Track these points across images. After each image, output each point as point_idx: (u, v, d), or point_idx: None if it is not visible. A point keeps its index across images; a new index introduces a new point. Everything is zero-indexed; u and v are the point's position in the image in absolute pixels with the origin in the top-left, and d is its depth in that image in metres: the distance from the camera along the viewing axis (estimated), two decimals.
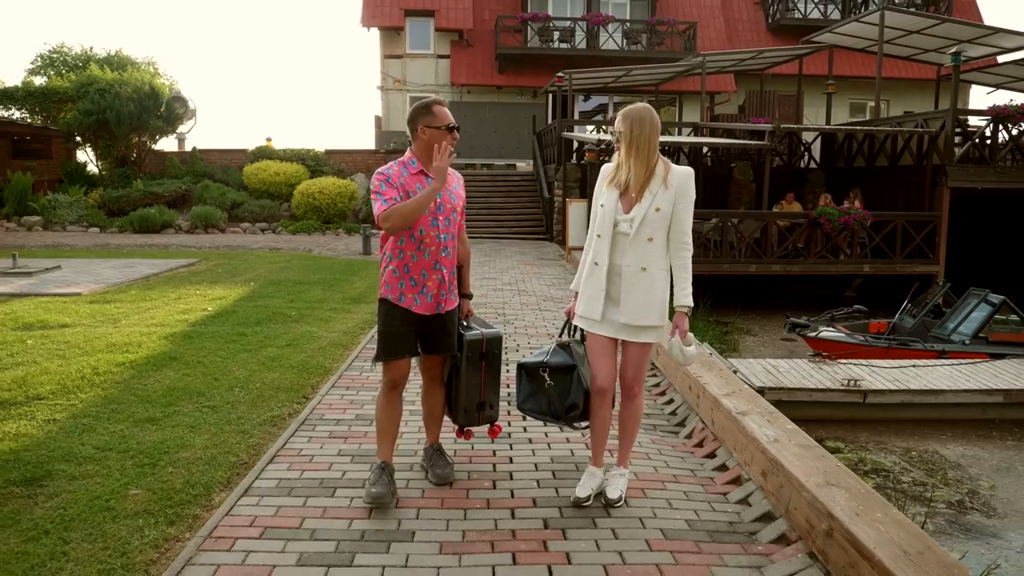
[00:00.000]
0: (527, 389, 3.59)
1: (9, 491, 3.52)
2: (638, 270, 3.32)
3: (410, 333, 3.46)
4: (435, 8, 23.76)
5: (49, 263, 11.59)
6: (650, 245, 3.32)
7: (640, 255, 3.31)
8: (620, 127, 3.34)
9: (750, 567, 3.03)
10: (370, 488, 3.40)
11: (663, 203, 3.29)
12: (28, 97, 21.58)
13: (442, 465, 3.72)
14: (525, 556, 3.02)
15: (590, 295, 3.41)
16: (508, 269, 12.28)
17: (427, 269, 3.43)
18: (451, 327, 3.58)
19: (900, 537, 2.70)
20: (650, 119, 3.31)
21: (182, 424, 4.49)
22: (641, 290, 3.32)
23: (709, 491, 3.78)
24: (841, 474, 3.29)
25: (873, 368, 8.80)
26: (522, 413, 3.63)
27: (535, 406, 3.57)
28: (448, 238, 3.49)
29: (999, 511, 6.19)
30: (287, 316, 7.90)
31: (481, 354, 3.64)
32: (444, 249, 3.47)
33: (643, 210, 3.29)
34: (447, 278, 3.50)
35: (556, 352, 3.57)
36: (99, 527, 3.19)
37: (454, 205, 3.53)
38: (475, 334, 3.64)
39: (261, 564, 2.91)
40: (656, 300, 3.34)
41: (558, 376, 3.49)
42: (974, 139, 14.74)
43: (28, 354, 5.98)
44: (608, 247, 3.34)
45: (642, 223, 3.29)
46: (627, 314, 3.33)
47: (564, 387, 3.48)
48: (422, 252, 3.42)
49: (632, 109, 3.35)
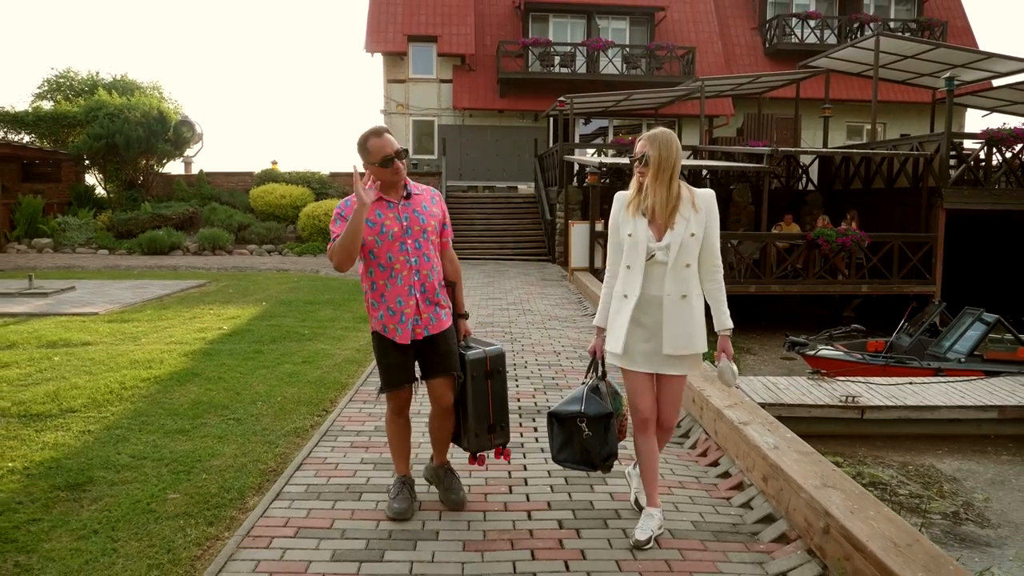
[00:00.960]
0: (560, 439, 3.44)
1: (56, 495, 3.74)
2: (678, 298, 3.23)
3: (407, 361, 3.46)
4: (438, 34, 24.22)
5: (63, 284, 11.85)
6: (688, 271, 3.24)
7: (680, 283, 3.24)
8: (648, 151, 3.23)
9: (753, 563, 3.24)
10: (392, 503, 3.53)
11: (696, 227, 3.23)
12: (38, 122, 21.93)
13: (456, 489, 3.68)
14: (543, 553, 3.24)
15: (622, 330, 3.29)
16: (512, 290, 12.53)
17: (402, 296, 3.37)
18: (446, 347, 3.49)
19: (891, 531, 2.93)
20: (676, 144, 3.26)
21: (210, 435, 4.71)
22: (684, 319, 3.24)
23: (713, 496, 4.00)
24: (837, 477, 3.52)
25: (870, 385, 9.02)
26: (557, 463, 3.48)
27: (570, 456, 3.42)
28: (421, 261, 3.40)
29: (993, 522, 6.39)
30: (301, 334, 8.14)
31: (486, 373, 3.56)
32: (416, 273, 3.38)
33: (679, 236, 3.21)
34: (422, 303, 3.40)
35: (590, 400, 3.39)
36: (144, 527, 3.42)
37: (423, 226, 3.41)
38: (477, 353, 3.56)
39: (298, 560, 3.14)
40: (698, 327, 3.27)
41: (596, 425, 3.34)
42: (969, 162, 15.04)
43: (56, 370, 6.22)
44: (641, 278, 3.24)
45: (680, 250, 3.21)
46: (671, 344, 3.24)
47: (601, 436, 3.35)
48: (394, 279, 3.37)
49: (658, 133, 3.27)
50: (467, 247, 18.70)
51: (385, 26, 24.29)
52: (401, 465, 3.65)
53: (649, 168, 3.23)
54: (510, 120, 24.83)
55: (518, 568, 3.11)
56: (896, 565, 2.65)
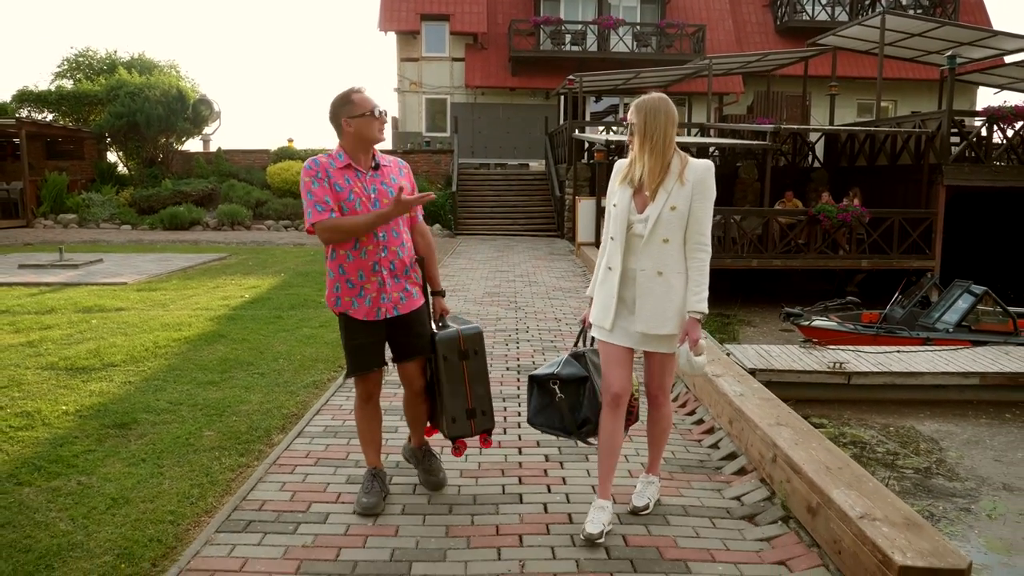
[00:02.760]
0: (538, 402, 3.34)
1: (106, 432, 4.28)
2: (654, 274, 3.04)
3: (376, 344, 3.27)
4: (450, 12, 24.52)
5: (92, 257, 12.43)
6: (666, 247, 3.03)
7: (656, 258, 3.04)
8: (633, 119, 3.05)
9: (713, 490, 3.72)
10: (361, 498, 3.35)
11: (679, 201, 3.01)
12: (61, 100, 22.53)
13: (435, 470, 3.56)
14: (529, 479, 3.74)
15: (603, 303, 3.17)
16: (520, 263, 12.99)
17: (364, 270, 3.16)
18: (418, 328, 3.32)
19: (826, 458, 3.39)
20: (665, 110, 3.02)
21: (238, 386, 5.24)
22: (657, 296, 3.05)
23: (686, 439, 4.48)
24: (791, 418, 3.98)
25: (859, 353, 9.45)
26: (533, 427, 3.40)
27: (546, 420, 3.32)
28: (389, 236, 3.18)
29: (962, 476, 6.83)
30: (317, 302, 8.65)
31: (460, 353, 3.36)
32: (384, 249, 3.17)
33: (657, 209, 3.01)
34: (389, 280, 3.20)
35: (568, 363, 3.32)
36: (184, 457, 3.94)
37: (392, 198, 3.11)
38: (450, 332, 3.37)
39: (318, 482, 3.65)
40: (674, 307, 3.06)
41: (569, 388, 3.25)
42: (970, 139, 15.28)
43: (95, 331, 6.77)
44: (622, 250, 3.08)
45: (656, 223, 3.01)
46: (642, 322, 3.07)
47: (576, 400, 3.25)
48: (358, 251, 3.15)
49: (646, 99, 3.05)
50: (478, 223, 19.16)
51: (398, 5, 24.61)
52: (371, 456, 3.46)
53: (635, 136, 3.06)
54: (522, 98, 25.15)
55: (507, 490, 3.61)
56: (824, 483, 3.11)
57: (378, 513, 3.32)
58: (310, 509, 3.35)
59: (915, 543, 2.60)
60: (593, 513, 3.15)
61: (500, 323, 7.74)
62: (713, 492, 3.70)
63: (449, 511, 3.36)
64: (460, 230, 18.76)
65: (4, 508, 3.31)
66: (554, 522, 3.29)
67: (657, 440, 3.44)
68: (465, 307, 8.61)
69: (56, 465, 3.77)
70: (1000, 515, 6.06)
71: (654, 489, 3.44)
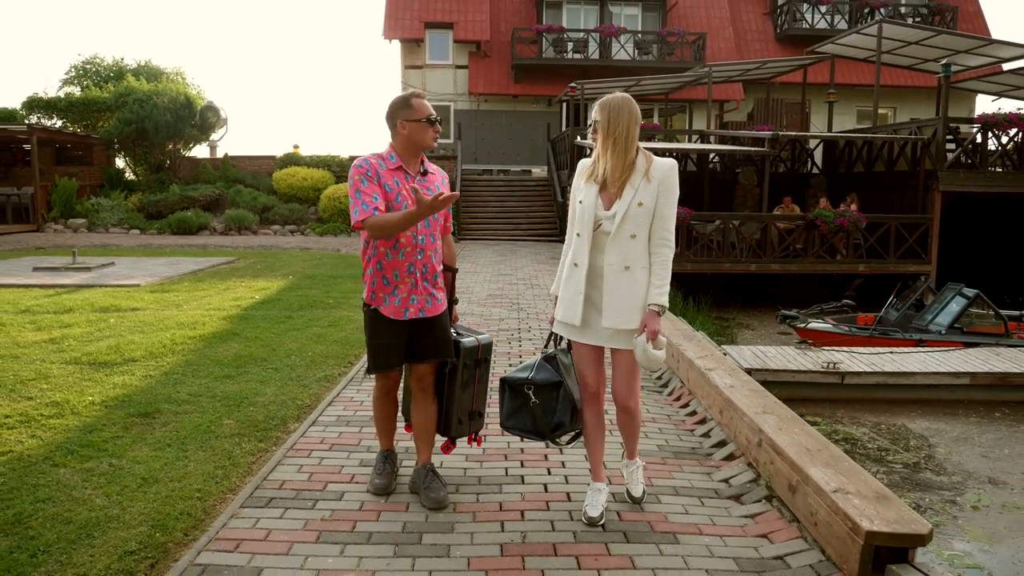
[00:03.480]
0: (510, 405, 3.33)
1: (131, 420, 4.53)
2: (621, 269, 3.11)
3: (400, 343, 3.36)
4: (454, 20, 24.85)
5: (104, 260, 12.70)
6: (632, 242, 3.11)
7: (622, 253, 3.12)
8: (596, 117, 3.13)
9: (703, 474, 3.97)
10: (374, 479, 3.56)
11: (645, 197, 3.09)
12: (70, 107, 22.88)
13: (436, 488, 3.47)
14: (530, 463, 3.99)
15: (570, 299, 3.22)
16: (522, 267, 13.25)
17: (400, 271, 3.29)
18: (441, 332, 3.42)
19: (806, 441, 3.64)
20: (628, 108, 3.11)
21: (253, 380, 5.49)
22: (624, 291, 3.12)
23: (680, 428, 4.73)
24: (776, 407, 4.23)
25: (853, 353, 9.68)
26: (505, 430, 3.39)
27: (518, 424, 3.32)
28: (427, 240, 3.33)
29: (949, 471, 7.06)
30: (326, 303, 8.92)
31: (476, 361, 3.54)
32: (420, 251, 3.31)
33: (624, 205, 3.09)
34: (421, 283, 3.33)
35: (541, 367, 3.31)
36: (207, 442, 4.20)
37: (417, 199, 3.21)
38: (471, 341, 3.52)
39: (332, 465, 3.90)
40: (639, 302, 3.13)
41: (543, 393, 3.25)
42: (965, 145, 15.53)
43: (113, 329, 7.04)
44: (588, 246, 3.15)
45: (624, 219, 3.09)
46: (610, 317, 3.13)
47: (550, 404, 3.26)
48: (396, 252, 3.29)
49: (610, 99, 3.13)
50: (481, 228, 19.43)
51: (403, 13, 24.95)
52: (385, 441, 3.68)
53: (599, 134, 3.13)
54: (524, 105, 25.46)
55: (509, 472, 3.86)
56: (803, 462, 3.36)
57: (390, 493, 3.53)
58: (327, 488, 3.61)
59: (882, 513, 2.85)
60: (591, 496, 3.33)
61: (503, 323, 7.99)
62: (703, 475, 3.95)
63: (456, 491, 3.61)
64: (464, 235, 19.03)
65: (43, 486, 3.56)
66: (554, 500, 3.54)
67: (631, 434, 3.48)
68: (469, 308, 8.86)
69: (87, 449, 4.03)
70: (984, 507, 6.29)
71: (641, 472, 3.56)
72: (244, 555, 2.95)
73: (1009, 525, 5.96)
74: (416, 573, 2.86)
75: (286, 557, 2.94)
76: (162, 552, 2.99)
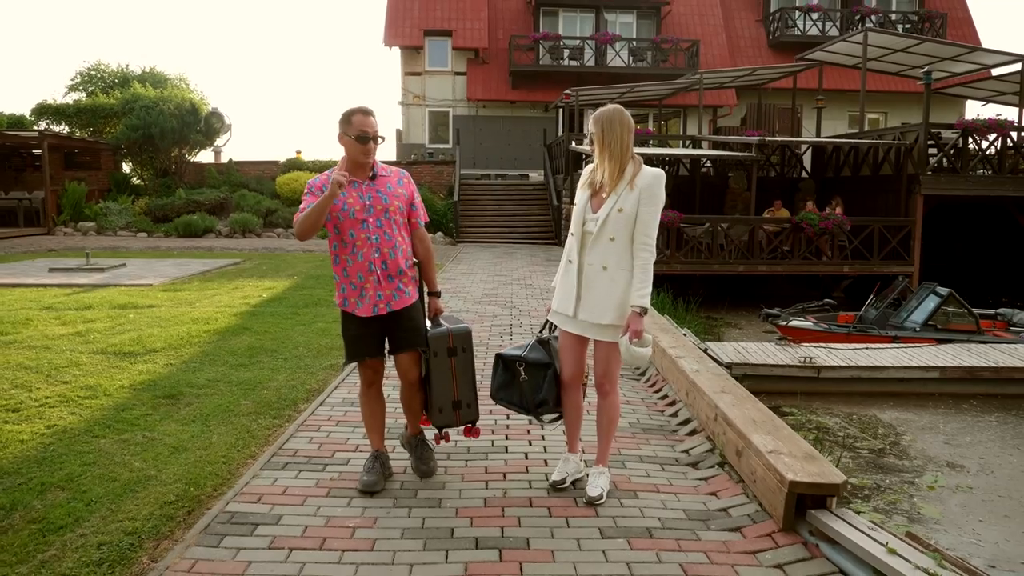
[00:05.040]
0: (502, 379, 3.71)
1: (158, 402, 5.06)
2: (599, 269, 3.39)
3: (369, 336, 3.59)
4: (452, 28, 25.41)
5: (115, 261, 13.23)
6: (611, 244, 3.37)
7: (601, 254, 3.39)
8: (593, 129, 3.42)
9: (667, 446, 4.49)
10: (363, 476, 3.68)
11: (626, 204, 3.34)
12: (78, 113, 23.46)
13: (426, 459, 3.84)
14: (514, 436, 4.51)
15: (563, 292, 3.55)
16: (517, 268, 13.77)
17: (363, 272, 3.52)
18: (410, 323, 3.62)
19: (756, 415, 4.16)
20: (620, 120, 3.37)
21: (265, 368, 6.02)
22: (600, 289, 3.39)
23: (651, 409, 5.25)
24: (734, 388, 4.75)
25: (830, 349, 10.19)
26: (494, 401, 3.81)
27: (507, 396, 3.71)
28: (382, 239, 3.52)
29: (911, 455, 7.57)
30: (329, 301, 9.43)
31: (448, 350, 3.69)
32: (377, 250, 3.51)
33: (607, 210, 3.37)
34: (383, 279, 3.53)
35: (535, 348, 3.67)
36: (227, 419, 4.72)
37: (386, 206, 3.55)
38: (440, 330, 3.71)
39: (340, 437, 4.42)
40: (615, 300, 3.38)
41: (533, 371, 3.62)
42: (947, 151, 16.05)
43: (133, 324, 7.57)
44: (578, 245, 3.47)
45: (604, 223, 3.36)
46: (586, 311, 3.43)
47: (537, 382, 3.61)
48: (355, 255, 3.52)
49: (603, 111, 3.41)
50: (479, 231, 19.96)
51: (403, 21, 25.52)
52: (375, 440, 3.84)
53: (595, 145, 3.43)
54: (521, 111, 26.00)
55: (495, 444, 4.38)
56: (748, 431, 3.87)
57: (378, 491, 3.62)
58: (334, 455, 4.13)
59: (807, 468, 3.36)
60: (560, 465, 3.73)
61: (496, 319, 8.51)
62: (667, 447, 4.47)
63: (447, 457, 4.12)
64: (462, 238, 19.56)
65: (88, 453, 4.08)
66: (533, 466, 4.05)
67: (605, 431, 3.66)
68: (465, 306, 9.38)
69: (122, 424, 4.55)
70: (940, 487, 6.79)
71: (605, 480, 3.65)
72: (266, 505, 3.46)
73: (961, 502, 6.48)
74: (412, 519, 3.37)
75: (301, 507, 3.46)
76: (196, 502, 3.51)
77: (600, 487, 3.60)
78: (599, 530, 3.30)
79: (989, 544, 5.66)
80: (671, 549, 3.15)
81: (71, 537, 3.14)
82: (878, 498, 6.47)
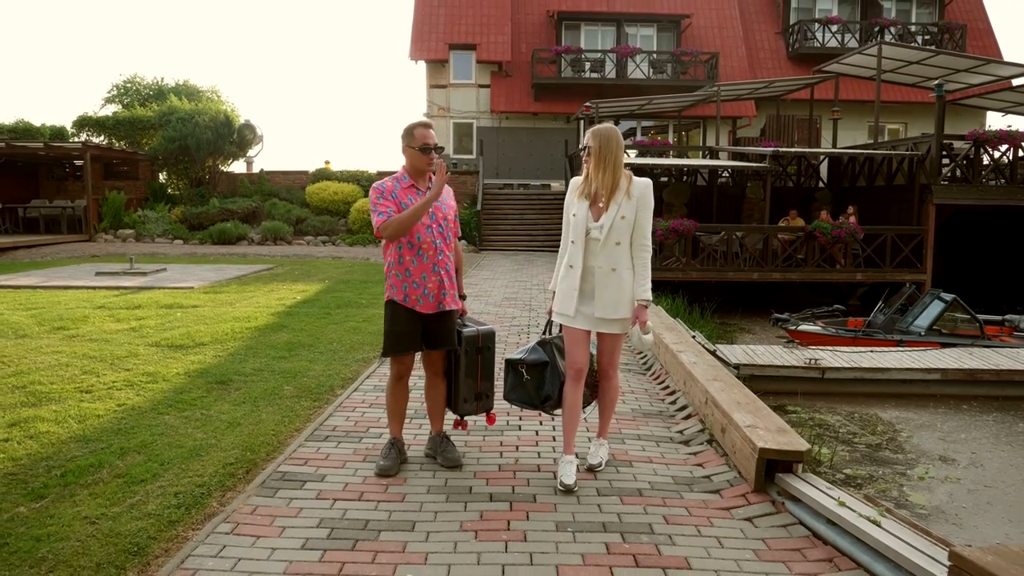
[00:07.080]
0: (511, 381, 4.12)
1: (210, 387, 5.68)
2: (609, 271, 3.76)
3: (415, 331, 3.89)
4: (477, 42, 26.11)
5: (157, 266, 14.00)
6: (618, 248, 3.76)
7: (610, 257, 3.76)
8: (590, 143, 3.75)
9: (664, 427, 5.01)
10: (380, 461, 4.01)
11: (627, 212, 3.73)
12: (117, 125, 24.43)
13: (451, 450, 4.16)
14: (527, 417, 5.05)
15: (565, 294, 3.85)
16: (537, 275, 14.33)
17: (426, 272, 3.84)
18: (452, 324, 4.00)
19: (742, 399, 4.68)
20: (615, 137, 3.75)
21: (303, 360, 6.63)
22: (612, 288, 3.77)
23: (653, 398, 5.77)
24: (726, 377, 5.27)
25: (835, 352, 10.62)
26: (508, 402, 4.20)
27: (517, 396, 4.12)
28: (443, 243, 3.90)
29: (907, 450, 8.00)
30: (359, 303, 10.06)
31: (477, 348, 4.08)
32: (440, 253, 3.87)
33: (611, 218, 3.72)
34: (445, 279, 3.89)
35: (534, 350, 4.09)
36: (273, 401, 5.32)
37: (445, 214, 3.94)
38: (471, 331, 4.09)
39: (372, 417, 5.01)
40: (626, 296, 3.79)
41: (534, 371, 4.03)
42: (959, 161, 16.38)
43: (180, 321, 8.24)
44: (582, 251, 3.78)
45: (611, 230, 3.73)
46: (601, 309, 3.77)
47: (540, 381, 4.03)
48: (420, 257, 3.83)
49: (599, 129, 3.77)
50: (501, 239, 20.56)
51: (428, 35, 26.27)
52: (395, 428, 4.15)
53: (591, 157, 3.77)
54: (543, 122, 26.60)
55: (509, 423, 4.93)
56: (732, 410, 4.38)
57: (392, 475, 3.92)
58: (368, 431, 4.71)
59: (778, 439, 3.88)
60: (564, 468, 3.89)
61: (515, 321, 9.07)
62: (663, 428, 5.00)
63: (467, 434, 4.69)
64: (484, 245, 20.16)
65: (156, 426, 4.71)
66: (543, 440, 4.60)
67: (607, 408, 4.13)
68: (486, 309, 9.95)
69: (182, 404, 5.18)
70: (930, 478, 7.23)
71: (604, 450, 4.15)
72: (311, 467, 4.05)
73: (948, 491, 6.91)
74: (436, 479, 3.94)
75: (341, 469, 4.04)
76: (252, 464, 4.11)
77: (600, 456, 4.12)
78: (596, 489, 3.84)
79: (969, 527, 6.10)
80: (657, 505, 3.69)
81: (152, 488, 3.75)
82: (869, 487, 6.92)
